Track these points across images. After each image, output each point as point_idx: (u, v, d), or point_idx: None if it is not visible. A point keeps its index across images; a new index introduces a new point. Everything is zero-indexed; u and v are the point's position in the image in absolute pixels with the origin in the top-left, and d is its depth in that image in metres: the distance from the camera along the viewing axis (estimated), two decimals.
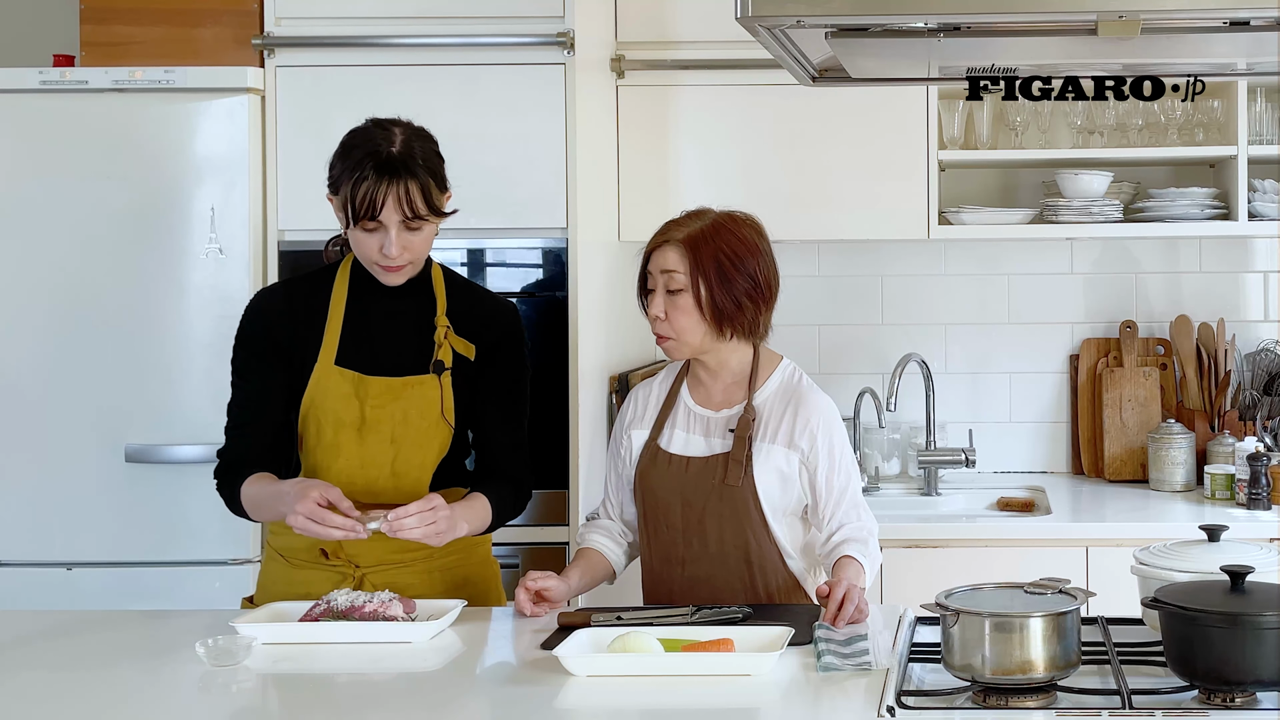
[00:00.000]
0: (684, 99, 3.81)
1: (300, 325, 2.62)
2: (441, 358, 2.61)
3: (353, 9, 3.54)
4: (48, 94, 3.48)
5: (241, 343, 2.65)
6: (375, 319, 2.63)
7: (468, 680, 2.23)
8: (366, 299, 2.64)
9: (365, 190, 2.48)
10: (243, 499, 2.59)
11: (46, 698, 2.13)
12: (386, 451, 2.60)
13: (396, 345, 2.62)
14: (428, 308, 2.65)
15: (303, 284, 2.69)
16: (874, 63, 2.45)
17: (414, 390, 2.60)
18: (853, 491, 2.63)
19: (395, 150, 2.50)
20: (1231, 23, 2.11)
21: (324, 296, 2.64)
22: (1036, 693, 1.96)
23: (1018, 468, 4.18)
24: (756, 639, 2.21)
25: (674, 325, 2.57)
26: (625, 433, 2.71)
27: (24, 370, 3.49)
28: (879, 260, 4.19)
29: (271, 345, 2.62)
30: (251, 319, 2.65)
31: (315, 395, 2.59)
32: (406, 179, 2.49)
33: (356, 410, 2.58)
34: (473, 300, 2.70)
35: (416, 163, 2.51)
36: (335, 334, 2.61)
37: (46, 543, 3.49)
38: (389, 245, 2.51)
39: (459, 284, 2.72)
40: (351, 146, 2.54)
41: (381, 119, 2.59)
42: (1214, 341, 4.00)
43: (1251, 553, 2.24)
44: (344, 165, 2.52)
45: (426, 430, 2.61)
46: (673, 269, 2.55)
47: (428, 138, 2.60)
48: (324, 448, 2.60)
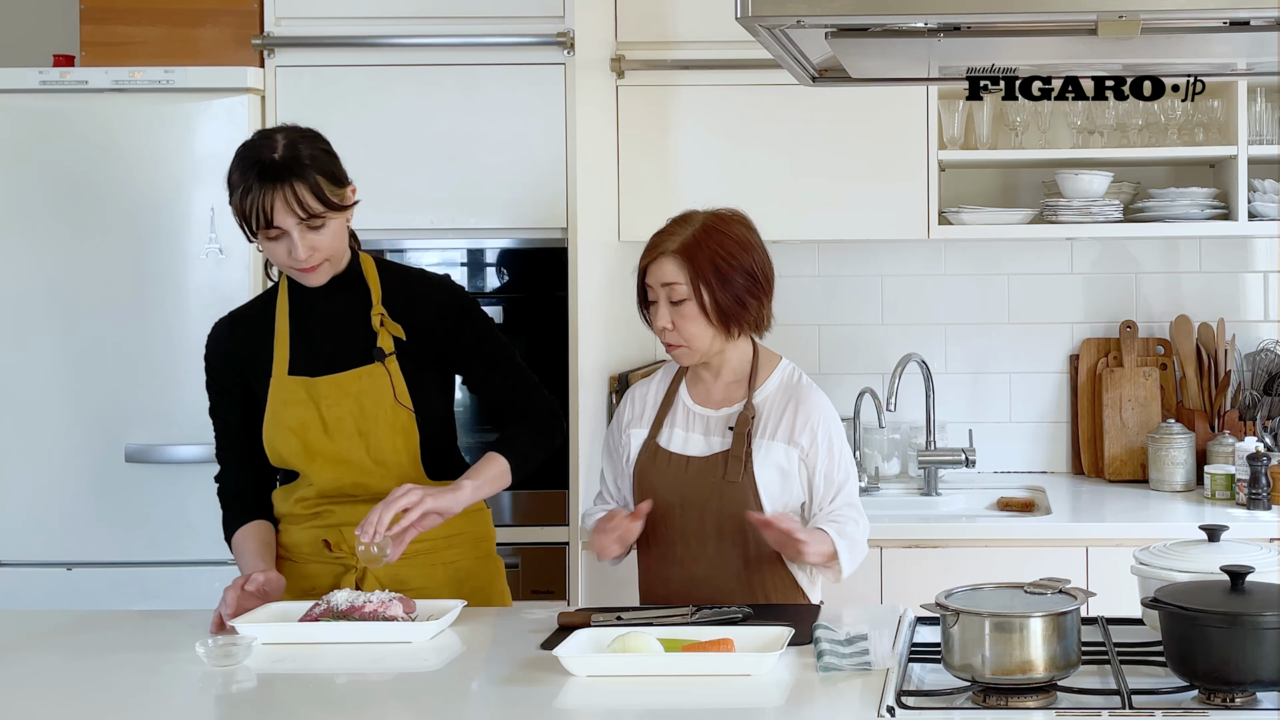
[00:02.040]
0: (684, 99, 3.81)
1: (251, 350, 2.67)
2: (381, 345, 2.64)
3: (353, 9, 3.54)
4: (48, 94, 3.48)
5: (207, 375, 2.73)
6: (317, 321, 2.67)
7: (468, 680, 2.23)
8: (306, 305, 2.67)
9: (253, 200, 2.50)
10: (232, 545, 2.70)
11: (46, 698, 2.13)
12: (357, 445, 2.62)
13: (340, 342, 2.65)
14: (364, 300, 2.67)
15: (249, 309, 2.75)
16: (874, 63, 2.45)
17: (362, 381, 2.62)
18: (849, 490, 2.63)
19: (277, 156, 2.51)
20: (1231, 23, 2.11)
21: (270, 315, 2.68)
22: (1036, 693, 1.96)
23: (1018, 468, 4.18)
24: (756, 639, 2.21)
25: (683, 334, 2.58)
26: (624, 432, 2.71)
27: (24, 370, 3.50)
28: (879, 260, 4.19)
29: (230, 377, 2.69)
30: (209, 357, 2.73)
31: (274, 407, 2.63)
32: (292, 181, 2.49)
33: (314, 413, 2.61)
34: (405, 283, 2.72)
35: (302, 163, 2.51)
36: (284, 345, 2.65)
37: (46, 543, 3.49)
38: (295, 249, 2.53)
39: (392, 270, 2.74)
40: (237, 160, 2.55)
41: (266, 129, 2.62)
42: (1214, 341, 4.00)
43: (1251, 553, 2.24)
44: (232, 181, 2.54)
45: (386, 418, 2.63)
46: (672, 280, 2.55)
47: (314, 137, 2.60)
48: (296, 454, 2.63)
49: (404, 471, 2.63)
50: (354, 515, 2.58)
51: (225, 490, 2.74)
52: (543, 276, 3.52)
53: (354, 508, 2.60)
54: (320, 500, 2.64)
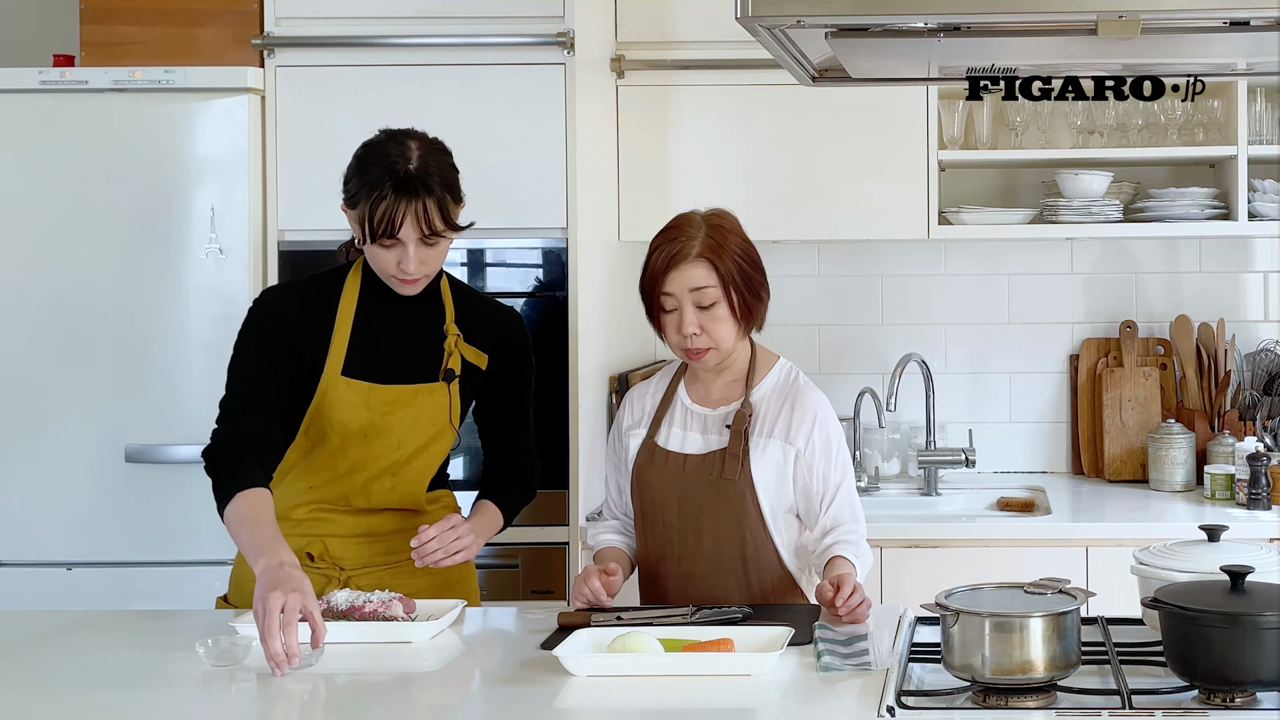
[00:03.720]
0: (684, 99, 3.81)
1: (309, 328, 2.59)
2: (452, 366, 2.62)
3: (353, 9, 3.54)
4: (48, 94, 3.48)
5: (248, 337, 2.59)
6: (385, 327, 2.62)
7: (468, 680, 2.23)
8: (376, 306, 2.62)
9: (384, 209, 2.45)
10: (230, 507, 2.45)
11: (46, 698, 2.13)
12: (391, 456, 2.60)
13: (406, 353, 2.61)
14: (437, 315, 2.64)
15: (311, 286, 2.65)
16: (874, 63, 2.45)
17: (424, 398, 2.60)
18: (846, 489, 2.63)
19: (413, 168, 2.47)
20: (1231, 23, 2.11)
21: (333, 301, 2.61)
22: (1036, 693, 1.96)
23: (1018, 468, 4.18)
24: (756, 639, 2.22)
25: (713, 336, 2.57)
26: (624, 436, 2.71)
27: (24, 370, 3.50)
28: (879, 260, 4.19)
29: (282, 343, 2.57)
30: (260, 316, 2.60)
31: (321, 405, 2.58)
32: (425, 197, 2.47)
33: (365, 418, 2.58)
34: (479, 308, 2.70)
35: (433, 179, 2.48)
36: (343, 342, 2.59)
37: (46, 543, 3.49)
38: (407, 261, 2.50)
39: (463, 291, 2.72)
40: (368, 162, 2.50)
41: (395, 131, 2.57)
42: (1214, 341, 4.00)
43: (1251, 553, 2.24)
44: (361, 182, 2.49)
45: (433, 437, 2.62)
46: (702, 285, 2.54)
47: (443, 151, 2.57)
48: (328, 452, 2.60)
49: (414, 489, 2.64)
50: (340, 528, 2.61)
51: (229, 441, 2.50)
52: (543, 276, 3.52)
53: (346, 518, 2.61)
54: (315, 505, 2.62)
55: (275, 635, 2.14)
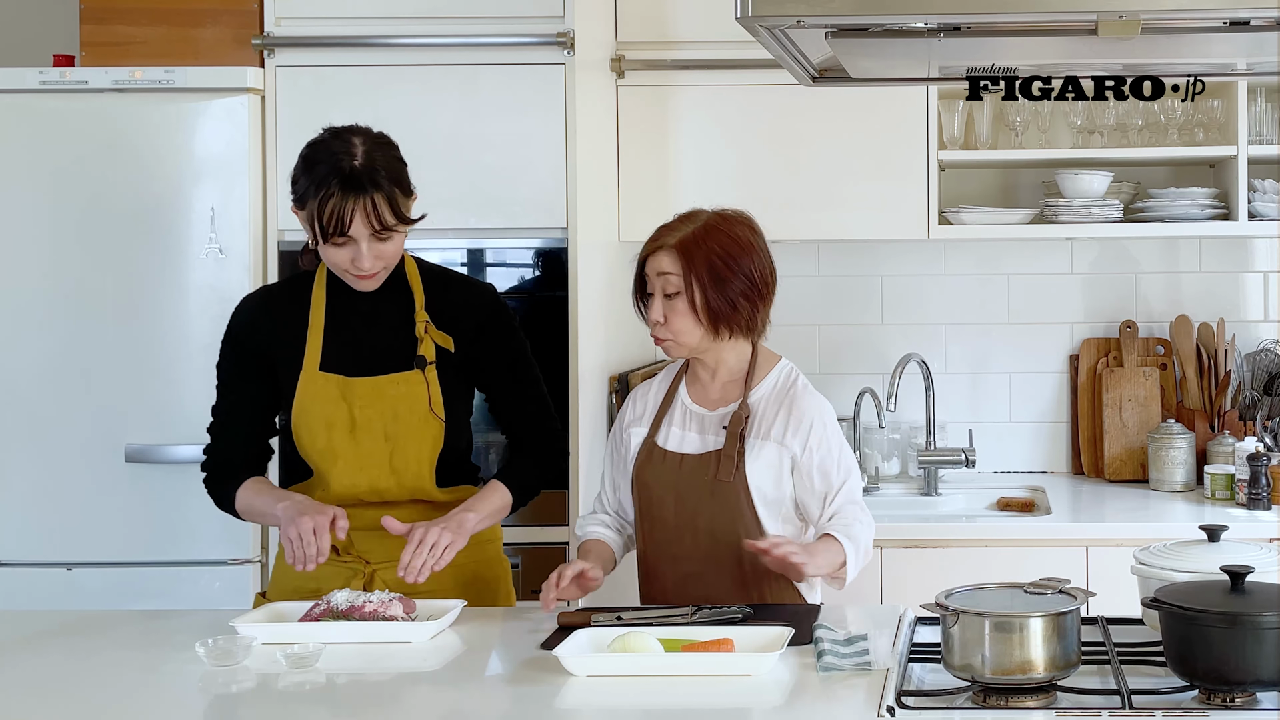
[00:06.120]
0: (684, 99, 3.81)
1: (281, 331, 2.64)
2: (423, 353, 2.62)
3: (353, 9, 3.54)
4: (48, 94, 3.48)
5: (226, 351, 2.70)
6: (356, 320, 2.65)
7: (467, 680, 2.23)
8: (346, 301, 2.65)
9: (332, 207, 2.47)
10: (237, 502, 2.66)
11: (47, 698, 2.13)
12: (382, 450, 2.61)
13: (379, 344, 2.63)
14: (407, 304, 2.66)
15: (282, 290, 2.72)
16: (874, 63, 2.45)
17: (400, 387, 2.61)
18: (850, 488, 2.63)
19: (358, 164, 2.48)
20: (1231, 23, 2.11)
21: (304, 302, 2.65)
22: (1036, 693, 1.96)
23: (1018, 468, 4.18)
24: (756, 639, 2.22)
25: (671, 327, 2.59)
26: (625, 431, 2.72)
27: (24, 370, 3.50)
28: (878, 260, 4.19)
29: (254, 353, 2.65)
30: (235, 331, 2.69)
31: (303, 401, 2.61)
32: (373, 192, 2.47)
33: (345, 412, 2.60)
34: (450, 288, 2.70)
35: (380, 174, 2.49)
36: (317, 339, 2.62)
37: (46, 543, 3.49)
38: (360, 258, 2.52)
39: (434, 273, 2.72)
40: (313, 161, 2.51)
41: (339, 128, 2.57)
42: (1214, 341, 4.00)
43: (1251, 553, 2.24)
44: (308, 181, 2.50)
45: (417, 426, 2.62)
46: (668, 271, 2.56)
47: (388, 144, 2.58)
48: (320, 452, 2.62)
49: (418, 480, 2.63)
50: (364, 520, 2.59)
51: (221, 459, 2.68)
52: (543, 276, 3.52)
53: (365, 512, 2.61)
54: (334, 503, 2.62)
55: (311, 543, 2.42)
